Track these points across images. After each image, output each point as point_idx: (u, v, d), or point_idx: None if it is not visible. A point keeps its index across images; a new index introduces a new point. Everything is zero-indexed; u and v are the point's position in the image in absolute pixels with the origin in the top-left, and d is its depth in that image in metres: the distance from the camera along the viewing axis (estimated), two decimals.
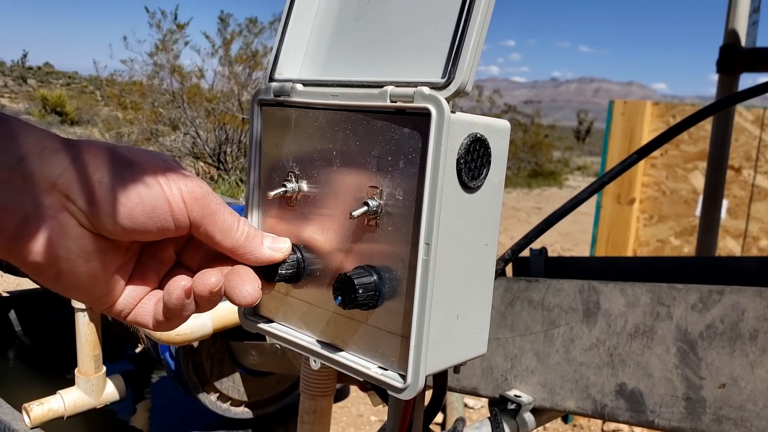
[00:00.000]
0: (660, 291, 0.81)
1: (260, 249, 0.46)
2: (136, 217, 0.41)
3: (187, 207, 0.43)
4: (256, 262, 0.46)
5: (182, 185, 0.43)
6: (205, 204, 0.43)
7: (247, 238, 0.46)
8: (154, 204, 0.41)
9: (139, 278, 0.46)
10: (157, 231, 0.43)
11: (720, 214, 1.68)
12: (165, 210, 0.42)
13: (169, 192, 0.42)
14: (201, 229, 0.44)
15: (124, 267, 0.45)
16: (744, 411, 0.73)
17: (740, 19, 1.56)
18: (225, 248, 0.45)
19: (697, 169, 3.20)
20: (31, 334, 2.33)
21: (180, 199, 0.43)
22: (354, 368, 0.47)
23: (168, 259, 0.48)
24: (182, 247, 0.49)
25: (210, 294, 0.43)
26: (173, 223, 0.43)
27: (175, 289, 0.43)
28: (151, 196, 0.41)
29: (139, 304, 0.46)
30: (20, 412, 1.27)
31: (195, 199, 0.43)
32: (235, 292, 0.44)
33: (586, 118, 32.46)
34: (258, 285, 0.45)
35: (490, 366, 0.93)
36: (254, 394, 1.88)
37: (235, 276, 0.45)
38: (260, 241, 0.46)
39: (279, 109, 0.52)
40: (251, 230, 0.46)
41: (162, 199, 0.42)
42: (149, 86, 9.12)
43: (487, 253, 0.48)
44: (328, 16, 0.54)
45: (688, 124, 0.95)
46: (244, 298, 0.44)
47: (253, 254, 0.46)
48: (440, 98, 0.41)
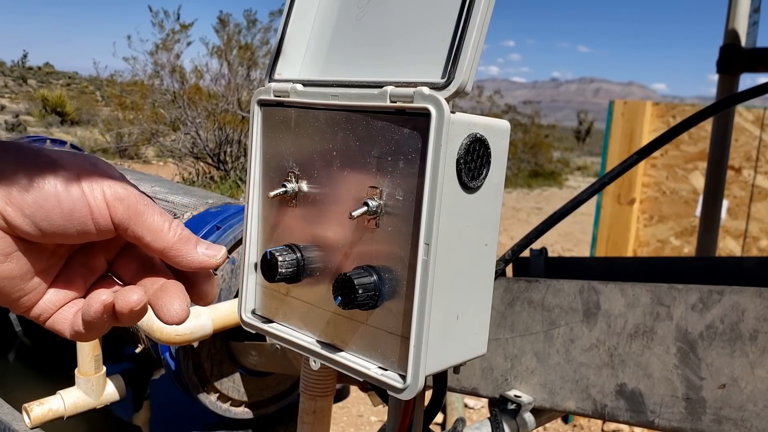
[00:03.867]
0: (660, 291, 0.81)
1: (193, 252, 0.45)
2: (54, 219, 0.40)
3: (110, 209, 0.42)
4: (188, 266, 0.45)
5: (105, 187, 0.42)
6: (130, 205, 0.43)
7: (179, 240, 0.44)
8: (72, 206, 0.41)
9: (63, 283, 0.45)
10: (77, 234, 0.42)
11: (720, 215, 1.68)
12: (84, 213, 0.41)
13: (90, 194, 0.41)
14: (129, 231, 0.43)
15: (48, 271, 0.44)
16: (744, 411, 0.73)
17: (740, 19, 1.56)
18: (156, 250, 0.44)
19: (697, 170, 3.20)
20: (31, 334, 2.33)
21: (101, 201, 0.42)
22: (354, 368, 0.47)
23: (98, 268, 0.47)
24: (115, 257, 0.48)
25: (131, 312, 0.42)
26: (93, 226, 0.42)
27: (94, 303, 0.42)
28: (69, 198, 0.41)
29: (60, 311, 0.45)
30: (20, 412, 1.27)
31: (119, 200, 0.42)
32: (163, 311, 0.43)
33: (586, 119, 32.46)
34: (187, 303, 0.44)
35: (490, 366, 0.93)
36: (254, 395, 1.88)
37: (164, 293, 0.44)
38: (194, 245, 0.45)
39: (279, 109, 0.52)
40: (185, 232, 0.45)
41: (81, 202, 0.41)
42: (150, 86, 9.12)
43: (487, 253, 0.48)
44: (328, 16, 0.54)
45: (689, 124, 0.95)
46: (171, 317, 0.43)
47: (185, 257, 0.44)
48: (440, 98, 0.41)
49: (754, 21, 1.59)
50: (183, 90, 8.56)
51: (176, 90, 8.65)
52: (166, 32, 8.66)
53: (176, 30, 8.69)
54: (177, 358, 1.68)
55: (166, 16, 8.67)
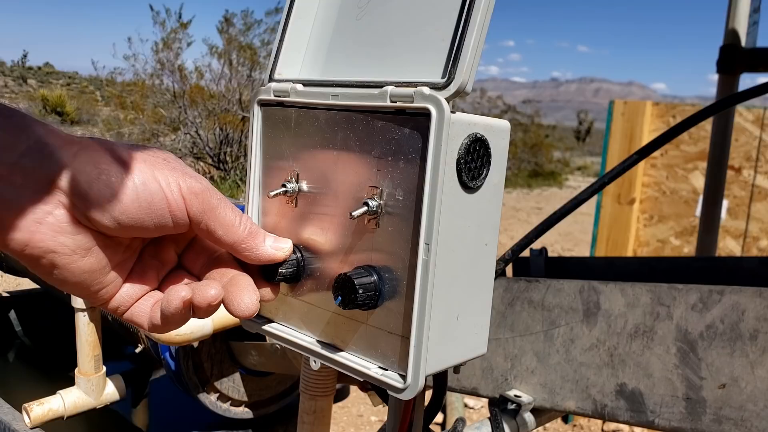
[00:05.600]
0: (660, 291, 0.81)
1: (262, 246, 0.46)
2: (131, 213, 0.41)
3: (186, 203, 0.43)
4: (257, 260, 0.46)
5: (181, 181, 0.43)
6: (204, 199, 0.44)
7: (249, 234, 0.46)
8: (150, 200, 0.41)
9: (138, 277, 0.46)
10: (155, 227, 0.43)
11: (720, 214, 1.68)
12: (162, 206, 0.42)
13: (167, 188, 0.42)
14: (202, 224, 0.44)
15: (123, 264, 0.45)
16: (744, 411, 0.73)
17: (740, 19, 1.56)
18: (226, 244, 0.45)
19: (697, 169, 3.20)
20: (31, 334, 2.33)
21: (178, 195, 0.43)
22: (354, 368, 0.47)
23: (169, 261, 0.48)
24: (184, 250, 0.49)
25: (208, 306, 0.43)
26: (171, 220, 0.43)
27: (174, 299, 0.43)
28: (147, 192, 0.41)
29: (137, 303, 0.46)
30: (20, 412, 1.27)
31: (194, 194, 0.43)
32: (234, 304, 0.44)
33: (586, 119, 32.45)
34: (256, 297, 0.45)
35: (490, 366, 0.93)
36: (254, 394, 1.88)
37: (234, 287, 0.45)
38: (262, 239, 0.46)
39: (279, 109, 0.52)
40: (253, 227, 0.46)
41: (159, 195, 0.42)
42: (150, 86, 9.12)
43: (487, 253, 0.48)
44: (328, 16, 0.54)
45: (689, 124, 0.95)
46: (242, 311, 0.44)
47: (254, 251, 0.46)
48: (440, 98, 0.41)
49: (754, 21, 1.59)
50: (183, 90, 8.56)
51: (176, 90, 8.65)
52: (167, 31, 8.67)
53: (176, 28, 8.69)
54: (177, 358, 1.68)
55: (167, 15, 8.67)
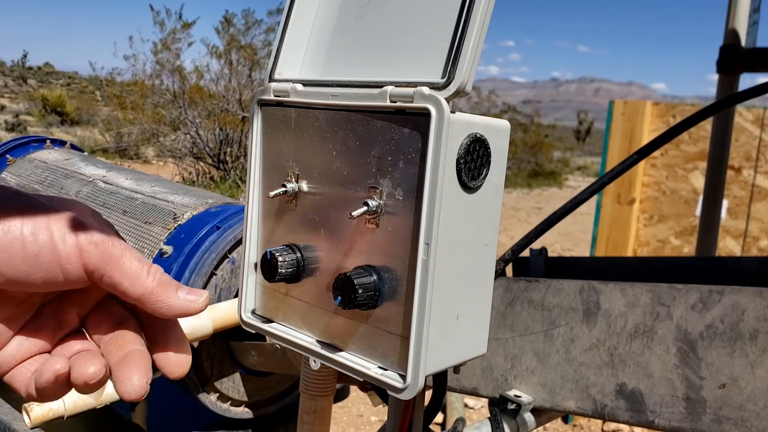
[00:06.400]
0: (660, 291, 0.81)
1: (174, 297, 0.42)
2: (16, 264, 0.38)
3: (83, 255, 0.40)
4: (169, 313, 0.42)
5: (81, 232, 0.40)
6: (105, 249, 0.40)
7: (159, 285, 0.42)
8: (37, 252, 0.39)
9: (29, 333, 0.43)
10: (42, 282, 0.40)
11: (720, 214, 1.68)
12: (50, 259, 0.39)
13: (60, 240, 0.39)
14: (104, 277, 0.41)
15: (14, 320, 0.42)
16: (744, 411, 0.73)
17: (740, 19, 1.56)
18: (133, 297, 0.42)
19: (697, 169, 3.20)
20: None
21: (72, 247, 0.40)
22: (354, 368, 0.47)
23: (69, 322, 0.44)
24: (89, 312, 0.45)
25: (85, 384, 0.39)
26: (61, 274, 0.40)
27: (46, 372, 0.39)
28: (35, 243, 0.39)
29: (21, 365, 0.42)
30: (20, 412, 1.27)
31: (94, 244, 0.40)
32: (120, 384, 0.40)
33: (586, 118, 32.44)
34: (147, 378, 0.41)
35: (490, 366, 0.93)
36: (254, 394, 1.88)
37: (125, 365, 0.41)
38: (174, 289, 0.42)
39: (279, 109, 0.52)
40: (164, 277, 0.43)
41: (47, 247, 0.39)
42: (150, 86, 9.12)
43: (487, 253, 0.48)
44: (328, 16, 0.54)
45: (689, 124, 0.95)
46: (127, 393, 0.40)
47: (165, 302, 0.42)
48: (440, 98, 0.41)
49: (754, 21, 1.59)
50: (183, 90, 8.56)
51: (176, 90, 8.65)
52: (167, 31, 8.67)
53: (177, 29, 8.69)
54: None
55: (168, 15, 8.67)
